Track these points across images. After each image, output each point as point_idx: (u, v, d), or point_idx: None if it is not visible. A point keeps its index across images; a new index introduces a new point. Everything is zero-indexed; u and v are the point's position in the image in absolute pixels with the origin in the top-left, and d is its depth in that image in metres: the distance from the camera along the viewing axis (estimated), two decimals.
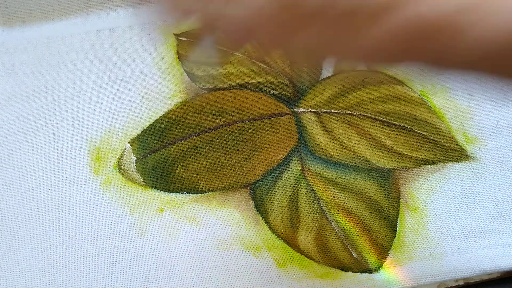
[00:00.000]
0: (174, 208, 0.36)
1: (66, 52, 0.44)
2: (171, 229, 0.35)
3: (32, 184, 0.37)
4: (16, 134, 0.39)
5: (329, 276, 0.34)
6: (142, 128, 0.40)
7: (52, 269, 0.34)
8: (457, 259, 0.34)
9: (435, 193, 0.37)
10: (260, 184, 0.37)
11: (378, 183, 0.37)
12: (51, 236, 0.35)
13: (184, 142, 0.39)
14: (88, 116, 0.40)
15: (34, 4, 0.45)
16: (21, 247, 0.35)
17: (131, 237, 0.35)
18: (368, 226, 0.36)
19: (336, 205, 0.36)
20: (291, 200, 0.37)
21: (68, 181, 0.37)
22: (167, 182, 0.37)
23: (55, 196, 0.37)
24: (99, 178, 0.37)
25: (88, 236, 0.35)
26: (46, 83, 0.42)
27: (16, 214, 0.36)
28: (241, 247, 0.35)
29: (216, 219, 0.36)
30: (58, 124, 0.40)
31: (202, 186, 0.37)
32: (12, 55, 0.43)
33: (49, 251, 0.35)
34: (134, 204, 0.36)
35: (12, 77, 0.42)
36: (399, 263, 0.34)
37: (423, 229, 0.36)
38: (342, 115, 0.41)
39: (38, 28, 0.45)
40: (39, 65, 0.43)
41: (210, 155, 0.39)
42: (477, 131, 0.40)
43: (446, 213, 0.36)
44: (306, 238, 0.35)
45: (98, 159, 0.38)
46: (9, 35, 0.45)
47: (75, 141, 0.39)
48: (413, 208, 0.37)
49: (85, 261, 0.34)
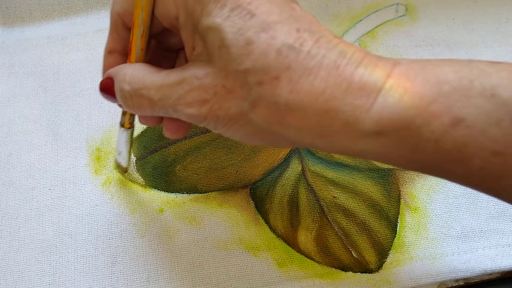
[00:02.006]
0: (174, 208, 0.36)
1: (66, 52, 0.44)
2: (171, 229, 0.35)
3: (32, 184, 0.37)
4: (16, 134, 0.39)
5: (329, 276, 0.34)
6: (142, 128, 0.40)
7: (52, 269, 0.34)
8: (457, 259, 0.34)
9: (435, 193, 0.37)
10: (260, 184, 0.37)
11: (378, 183, 0.37)
12: (51, 236, 0.35)
13: (184, 142, 0.39)
14: (88, 116, 0.40)
15: (34, 4, 0.45)
16: (21, 247, 0.35)
17: (131, 237, 0.35)
18: (368, 226, 0.36)
19: (336, 205, 0.36)
20: (291, 200, 0.37)
21: (68, 181, 0.37)
22: (167, 182, 0.37)
23: (55, 196, 0.37)
24: (99, 178, 0.37)
25: (88, 236, 0.35)
26: (46, 83, 0.42)
27: (16, 214, 0.36)
28: (241, 247, 0.35)
29: (216, 219, 0.36)
30: (58, 124, 0.40)
31: (202, 186, 0.37)
32: (12, 55, 0.43)
33: (49, 251, 0.35)
34: (134, 204, 0.36)
35: (12, 77, 0.42)
36: (399, 263, 0.34)
37: (423, 229, 0.36)
38: None
39: (38, 28, 0.45)
40: (39, 65, 0.43)
41: (210, 155, 0.39)
42: None
43: (446, 213, 0.36)
44: (306, 238, 0.35)
45: (98, 159, 0.38)
46: (9, 35, 0.45)
47: (75, 141, 0.39)
48: (413, 208, 0.37)
49: (85, 261, 0.34)
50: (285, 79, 0.22)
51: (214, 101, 0.24)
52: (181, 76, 0.25)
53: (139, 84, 0.26)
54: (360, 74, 0.22)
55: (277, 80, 0.22)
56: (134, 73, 0.26)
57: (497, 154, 0.21)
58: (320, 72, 0.22)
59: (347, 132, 0.23)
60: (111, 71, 0.28)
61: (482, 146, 0.21)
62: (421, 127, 0.22)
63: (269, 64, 0.22)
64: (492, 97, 0.21)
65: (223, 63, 0.23)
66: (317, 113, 0.23)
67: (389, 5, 0.47)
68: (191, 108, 0.25)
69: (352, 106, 0.22)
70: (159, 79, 0.25)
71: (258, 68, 0.23)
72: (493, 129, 0.21)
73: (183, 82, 0.24)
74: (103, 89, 0.28)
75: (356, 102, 0.22)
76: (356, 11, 0.46)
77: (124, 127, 0.32)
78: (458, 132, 0.21)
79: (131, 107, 0.27)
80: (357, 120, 0.22)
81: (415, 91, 0.22)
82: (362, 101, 0.22)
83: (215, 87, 0.24)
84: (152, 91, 0.25)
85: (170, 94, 0.25)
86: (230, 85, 0.24)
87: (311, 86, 0.22)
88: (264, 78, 0.23)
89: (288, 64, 0.22)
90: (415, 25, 0.46)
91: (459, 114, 0.21)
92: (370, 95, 0.22)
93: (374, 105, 0.22)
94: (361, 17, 0.46)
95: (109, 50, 0.29)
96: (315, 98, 0.22)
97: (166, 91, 0.25)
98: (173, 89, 0.25)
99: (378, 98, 0.22)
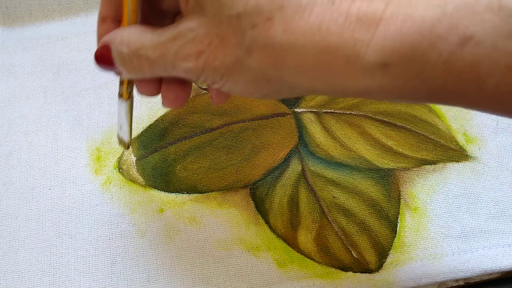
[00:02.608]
0: (174, 208, 0.36)
1: (66, 52, 0.44)
2: (171, 229, 0.35)
3: (32, 184, 0.37)
4: (16, 134, 0.39)
5: (329, 276, 0.34)
6: (142, 128, 0.40)
7: (52, 269, 0.34)
8: (457, 259, 0.34)
9: (435, 193, 0.37)
10: (260, 184, 0.37)
11: (378, 183, 0.37)
12: (51, 236, 0.35)
13: (184, 142, 0.39)
14: (88, 116, 0.40)
15: (34, 4, 0.45)
16: (21, 247, 0.35)
17: (131, 237, 0.35)
18: (368, 226, 0.36)
19: (336, 205, 0.36)
20: (291, 200, 0.37)
21: (68, 181, 0.37)
22: (167, 182, 0.37)
23: (55, 196, 0.37)
24: (99, 178, 0.37)
25: (88, 236, 0.35)
26: (46, 83, 0.42)
27: (16, 214, 0.36)
28: (241, 247, 0.35)
29: (216, 219, 0.36)
30: (58, 124, 0.40)
31: (202, 186, 0.37)
32: (12, 55, 0.43)
33: (49, 251, 0.35)
34: (134, 204, 0.36)
35: (12, 77, 0.42)
36: (399, 263, 0.34)
37: (423, 229, 0.36)
38: (342, 115, 0.41)
39: (38, 28, 0.45)
40: (39, 65, 0.43)
41: (210, 155, 0.39)
42: (477, 131, 0.40)
43: (446, 213, 0.36)
44: (306, 238, 0.35)
45: (98, 159, 0.38)
46: (9, 35, 0.45)
47: (75, 141, 0.39)
48: (413, 208, 0.37)
49: (85, 261, 0.34)
50: (278, 19, 0.22)
51: (209, 51, 0.23)
52: (176, 30, 0.24)
53: (137, 44, 0.25)
54: (358, 7, 0.21)
55: (270, 21, 0.22)
56: (130, 35, 0.26)
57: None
58: (315, 8, 0.21)
59: (349, 69, 0.22)
60: (106, 38, 0.27)
61: (495, 61, 0.20)
62: (427, 51, 0.21)
63: (261, 5, 0.22)
64: (499, 9, 0.20)
65: (215, 10, 0.23)
66: (315, 51, 0.21)
67: None
68: (188, 62, 0.24)
69: (351, 41, 0.21)
70: (155, 37, 0.25)
71: (250, 10, 0.22)
72: (505, 42, 0.20)
73: (179, 36, 0.24)
74: (100, 59, 0.27)
75: (355, 36, 0.21)
76: None
77: (123, 98, 0.31)
78: (468, 51, 0.20)
79: (131, 70, 0.26)
80: (359, 54, 0.21)
81: (417, 14, 0.21)
82: (362, 34, 0.21)
83: (209, 36, 0.23)
84: (150, 50, 0.25)
85: (167, 50, 0.24)
86: (223, 33, 0.23)
87: (306, 23, 0.21)
88: (257, 21, 0.22)
89: (281, 3, 0.21)
90: None
91: (466, 32, 0.20)
92: (370, 26, 0.21)
93: (375, 36, 0.21)
94: None
95: (102, 17, 0.29)
96: (311, 36, 0.21)
97: (163, 47, 0.24)
98: (170, 45, 0.24)
99: (379, 28, 0.21)
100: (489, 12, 0.20)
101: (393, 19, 0.21)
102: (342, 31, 0.21)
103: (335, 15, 0.21)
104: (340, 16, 0.21)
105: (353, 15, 0.21)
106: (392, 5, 0.21)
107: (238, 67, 0.23)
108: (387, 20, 0.21)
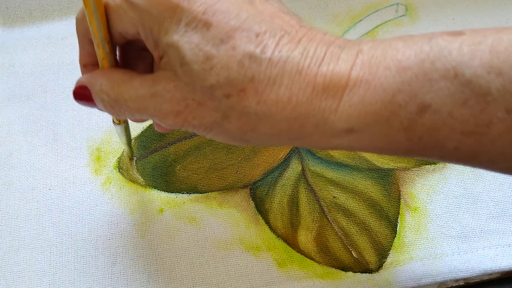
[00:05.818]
0: (174, 208, 0.36)
1: (66, 52, 0.44)
2: (171, 229, 0.35)
3: (32, 184, 0.37)
4: (16, 134, 0.39)
5: (329, 276, 0.34)
6: (142, 128, 0.40)
7: (52, 269, 0.34)
8: (457, 259, 0.34)
9: (435, 193, 0.37)
10: (260, 184, 0.37)
11: (378, 183, 0.37)
12: (51, 236, 0.35)
13: (184, 142, 0.39)
14: (88, 116, 0.40)
15: (34, 4, 0.45)
16: (21, 247, 0.35)
17: (131, 237, 0.35)
18: (368, 226, 0.36)
19: (336, 205, 0.36)
20: (291, 200, 0.37)
21: (68, 181, 0.37)
22: (167, 182, 0.37)
23: (55, 196, 0.37)
24: (99, 178, 0.37)
25: (88, 236, 0.35)
26: (46, 83, 0.42)
27: (16, 214, 0.36)
28: (241, 247, 0.35)
29: (216, 219, 0.36)
30: (58, 124, 0.40)
31: (202, 186, 0.37)
32: (12, 55, 0.43)
33: (49, 251, 0.35)
34: (134, 204, 0.36)
35: (12, 77, 0.42)
36: (399, 263, 0.34)
37: (423, 229, 0.36)
38: None
39: (38, 28, 0.45)
40: (39, 65, 0.43)
41: (210, 155, 0.39)
42: None
43: (446, 213, 0.36)
44: (306, 238, 0.35)
45: (98, 159, 0.38)
46: (9, 35, 0.45)
47: (75, 141, 0.39)
48: (413, 208, 0.37)
49: (85, 261, 0.34)
50: (251, 91, 0.23)
51: (187, 112, 0.24)
52: (153, 88, 0.25)
53: (117, 95, 0.26)
54: (324, 74, 0.22)
55: (243, 92, 0.23)
56: (109, 83, 0.26)
57: (468, 134, 0.21)
58: (284, 80, 0.22)
59: (319, 133, 0.23)
60: (84, 80, 0.28)
61: (452, 128, 0.21)
62: (389, 119, 0.22)
63: (233, 77, 0.23)
64: (455, 77, 0.21)
65: (187, 79, 0.23)
66: (287, 120, 0.23)
67: (389, 5, 0.47)
68: (167, 118, 0.25)
69: (319, 109, 0.22)
70: (133, 90, 0.25)
71: (222, 82, 0.23)
72: (461, 110, 0.21)
73: (156, 95, 0.25)
74: (80, 98, 0.28)
75: (323, 105, 0.22)
76: (356, 11, 0.46)
77: (116, 123, 0.33)
78: (427, 118, 0.21)
79: (114, 114, 0.28)
80: (327, 121, 0.23)
81: (378, 83, 0.22)
82: (328, 103, 0.22)
83: (186, 100, 0.24)
84: (129, 102, 0.26)
85: (146, 106, 0.25)
86: (199, 99, 0.24)
87: (277, 95, 0.23)
88: (231, 91, 0.23)
89: (252, 75, 0.22)
90: (415, 25, 0.46)
91: (424, 100, 0.21)
92: (335, 95, 0.22)
93: (341, 104, 0.22)
94: (361, 17, 0.46)
95: (83, 64, 0.29)
96: (282, 107, 0.23)
97: (141, 103, 0.25)
98: (148, 102, 0.25)
99: (344, 97, 0.22)
100: (445, 80, 0.21)
101: (356, 87, 0.22)
102: (311, 101, 0.22)
103: (303, 86, 0.22)
104: (308, 86, 0.22)
105: (319, 85, 0.22)
106: (356, 67, 0.22)
107: (216, 127, 0.25)
108: (351, 88, 0.22)
